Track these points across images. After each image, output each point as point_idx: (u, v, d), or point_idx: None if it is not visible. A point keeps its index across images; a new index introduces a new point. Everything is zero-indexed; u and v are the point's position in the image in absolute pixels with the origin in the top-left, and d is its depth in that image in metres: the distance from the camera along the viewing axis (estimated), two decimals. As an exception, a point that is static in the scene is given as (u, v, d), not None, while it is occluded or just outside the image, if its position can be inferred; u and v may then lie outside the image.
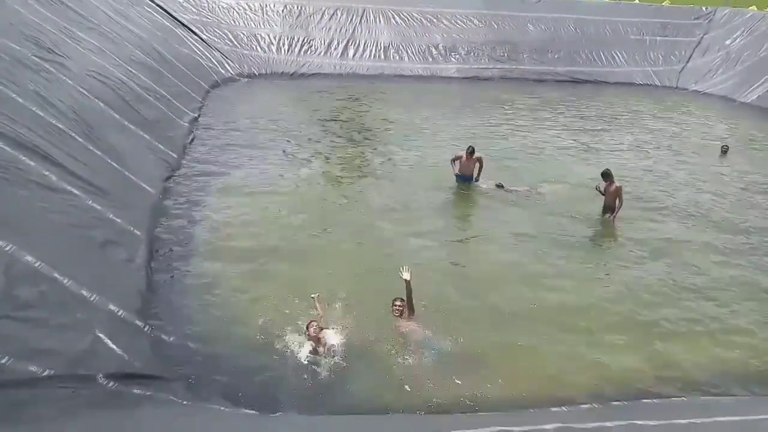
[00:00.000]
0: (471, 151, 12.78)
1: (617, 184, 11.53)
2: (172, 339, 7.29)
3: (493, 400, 6.67)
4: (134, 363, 6.35)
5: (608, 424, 5.56)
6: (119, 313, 6.98)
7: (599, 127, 19.03)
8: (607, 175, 11.59)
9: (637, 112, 21.53)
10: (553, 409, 6.42)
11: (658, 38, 27.42)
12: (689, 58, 27.06)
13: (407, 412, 6.46)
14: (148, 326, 7.26)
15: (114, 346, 6.31)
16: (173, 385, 6.40)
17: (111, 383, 5.79)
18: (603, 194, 11.67)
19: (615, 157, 15.93)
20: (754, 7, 27.63)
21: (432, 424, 5.71)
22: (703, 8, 28.30)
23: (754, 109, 22.07)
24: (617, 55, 26.93)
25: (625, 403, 6.64)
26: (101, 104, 11.64)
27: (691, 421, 5.67)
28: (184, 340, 7.33)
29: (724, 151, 16.04)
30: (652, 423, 5.70)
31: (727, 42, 26.34)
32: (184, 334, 7.45)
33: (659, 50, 27.29)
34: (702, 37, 27.36)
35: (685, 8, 28.69)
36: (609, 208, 11.60)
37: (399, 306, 7.95)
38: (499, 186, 12.82)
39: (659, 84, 26.28)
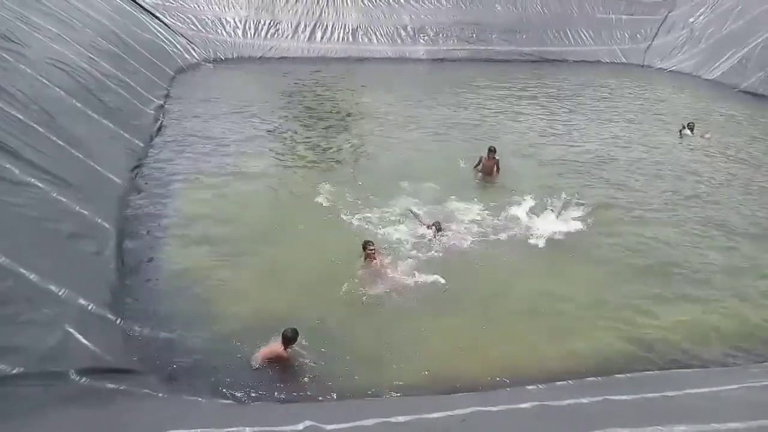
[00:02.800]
0: (493, 150, 12.65)
1: (497, 157, 12.61)
2: (145, 331, 7.19)
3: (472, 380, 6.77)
4: (106, 357, 6.25)
5: (583, 400, 5.67)
6: (89, 307, 6.85)
7: (565, 106, 19.15)
8: (491, 150, 12.62)
9: (603, 89, 21.73)
10: (529, 387, 6.50)
11: (624, 17, 27.63)
12: (654, 36, 27.34)
13: (386, 393, 6.50)
14: (119, 319, 7.15)
15: (85, 341, 6.20)
16: (148, 377, 6.33)
17: (83, 379, 5.70)
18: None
19: (581, 135, 16.09)
20: (716, -15, 28.05)
21: (410, 406, 5.74)
22: (668, -14, 28.64)
23: (717, 86, 22.45)
24: (584, 34, 27.09)
25: (599, 379, 6.76)
26: (62, 93, 11.31)
27: (663, 394, 5.79)
28: (158, 331, 7.24)
29: (690, 127, 16.27)
30: (625, 397, 5.83)
31: (691, 20, 26.66)
32: (158, 325, 7.36)
33: (625, 29, 27.51)
34: (667, 15, 27.65)
35: (650, -14, 28.98)
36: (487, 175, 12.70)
37: (371, 249, 8.71)
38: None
39: (626, 62, 26.54)
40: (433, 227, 9.82)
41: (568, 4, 27.34)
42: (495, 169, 12.71)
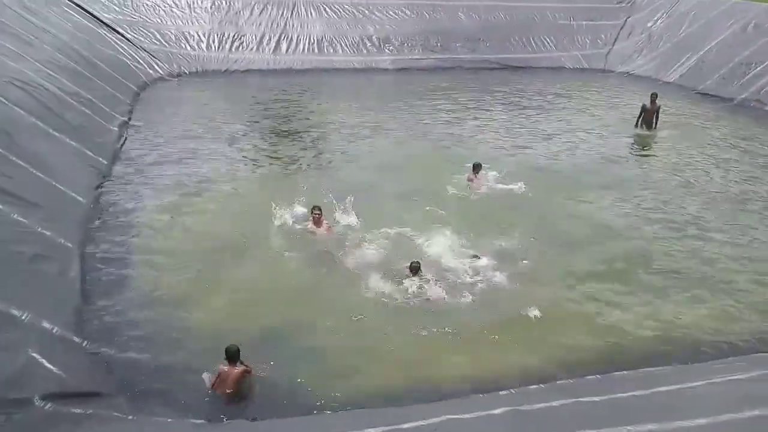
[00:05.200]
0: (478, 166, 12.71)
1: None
2: (112, 352, 7.06)
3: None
4: (72, 381, 6.12)
5: (554, 403, 5.72)
6: (53, 330, 6.71)
7: (530, 112, 19.42)
8: (477, 166, 12.67)
9: (565, 94, 22.10)
10: (502, 392, 6.55)
11: (585, 23, 28.12)
12: (615, 41, 27.85)
13: (355, 403, 6.49)
14: (85, 341, 7.00)
15: (49, 365, 6.06)
16: (116, 400, 6.21)
17: (48, 404, 5.57)
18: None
19: (544, 140, 16.37)
20: (672, -10, 28.78)
21: (381, 417, 5.73)
22: (625, -8, 29.27)
23: (676, 88, 22.99)
24: (547, 41, 27.49)
25: (570, 381, 6.84)
26: (21, 112, 11.09)
27: (632, 393, 5.89)
28: (125, 352, 7.12)
29: (653, 98, 16.88)
30: (596, 399, 5.91)
31: (649, 24, 27.26)
32: (125, 346, 7.23)
33: (586, 34, 27.98)
34: (626, 20, 28.20)
35: (609, -8, 29.58)
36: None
37: (317, 213, 10.00)
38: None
39: (588, 67, 26.98)
40: (409, 269, 8.84)
41: (530, 12, 27.73)
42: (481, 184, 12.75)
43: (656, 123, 17.08)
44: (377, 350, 7.51)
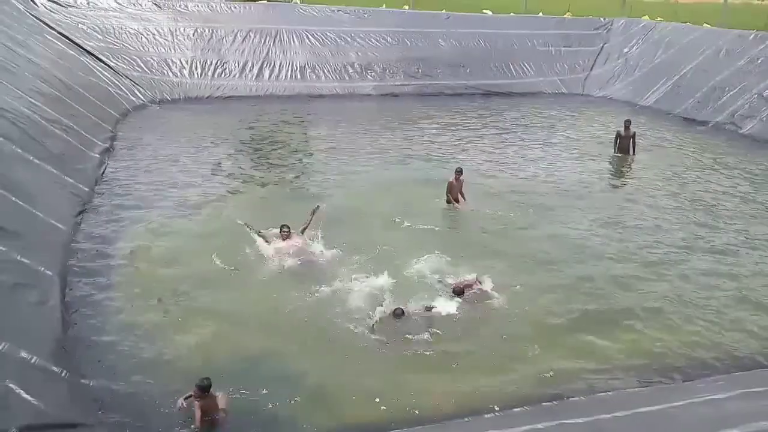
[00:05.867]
0: (460, 172, 12.96)
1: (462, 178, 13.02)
2: (92, 383, 6.96)
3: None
4: (51, 411, 6.01)
5: (539, 425, 5.73)
6: (32, 360, 6.60)
7: (510, 136, 19.71)
8: (458, 172, 12.99)
9: (544, 119, 22.47)
10: (486, 416, 6.54)
11: (563, 49, 28.71)
12: (592, 67, 28.47)
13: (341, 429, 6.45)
14: (65, 371, 6.89)
15: (28, 396, 5.95)
16: (95, 430, 6.10)
17: (25, 437, 5.46)
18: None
19: (523, 163, 16.61)
20: (646, 17, 29.50)
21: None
22: (602, 19, 29.91)
23: (652, 111, 23.48)
24: (526, 67, 27.98)
25: (554, 403, 6.85)
26: (1, 139, 11.01)
27: (615, 414, 5.92)
28: (106, 382, 7.02)
29: (627, 125, 17.15)
30: (579, 421, 5.93)
31: (625, 50, 27.92)
32: (105, 376, 7.13)
33: (564, 60, 28.56)
34: (602, 47, 28.86)
35: (586, 19, 30.19)
36: (455, 200, 13.06)
37: (286, 231, 10.54)
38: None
39: (566, 92, 27.49)
40: (392, 314, 8.53)
41: (509, 39, 28.25)
42: (460, 192, 12.97)
43: (633, 149, 17.25)
44: (356, 379, 7.45)
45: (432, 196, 13.37)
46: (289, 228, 10.66)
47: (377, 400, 7.01)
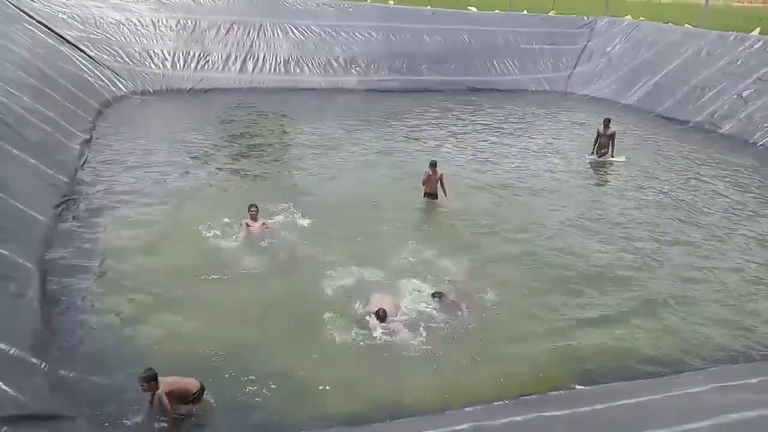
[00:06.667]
0: (434, 165, 12.92)
1: (440, 172, 12.90)
2: (72, 374, 6.91)
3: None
4: (31, 403, 5.96)
5: (518, 418, 5.81)
6: (11, 352, 6.54)
7: (493, 133, 19.82)
8: (433, 165, 12.91)
9: (527, 116, 22.63)
10: (467, 409, 6.60)
11: (546, 47, 28.87)
12: (575, 65, 28.67)
13: (317, 424, 6.47)
14: (44, 363, 6.83)
15: (6, 388, 5.90)
16: (76, 422, 6.09)
17: (4, 428, 5.40)
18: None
19: (504, 159, 16.74)
20: (629, 16, 29.77)
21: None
22: (585, 18, 30.12)
23: (634, 110, 23.72)
24: (509, 64, 28.12)
25: (534, 396, 6.93)
26: (-21, 129, 10.86)
27: (594, 407, 6.01)
28: (86, 374, 6.98)
29: (606, 123, 16.96)
30: (558, 413, 6.01)
31: (608, 49, 28.14)
32: (85, 367, 7.09)
33: (548, 58, 28.73)
34: (586, 45, 29.07)
35: (569, 18, 30.40)
36: (432, 194, 12.93)
37: (254, 210, 10.93)
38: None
39: (549, 90, 27.68)
40: (374, 315, 8.37)
41: (493, 36, 28.36)
42: (439, 186, 12.87)
43: (612, 149, 16.96)
44: (341, 373, 7.48)
45: (411, 189, 13.41)
46: (257, 207, 11.05)
47: (359, 392, 7.05)
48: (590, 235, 11.99)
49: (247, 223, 10.99)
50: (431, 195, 13.01)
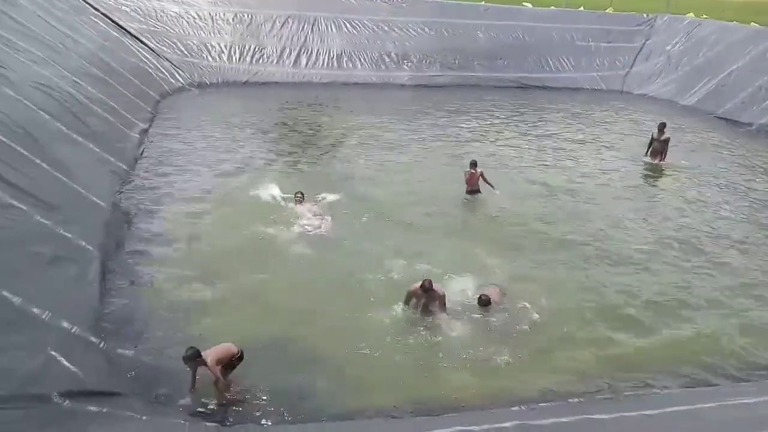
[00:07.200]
0: (474, 164, 13.20)
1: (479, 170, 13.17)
2: (128, 353, 7.17)
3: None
4: (89, 380, 6.22)
5: (564, 419, 5.74)
6: (72, 330, 6.84)
7: (545, 132, 19.49)
8: (473, 164, 13.19)
9: (581, 115, 22.16)
10: (513, 408, 6.56)
11: (603, 44, 28.21)
12: (633, 63, 27.92)
13: (364, 414, 6.53)
14: (102, 342, 7.11)
15: (68, 364, 6.17)
16: (130, 400, 6.30)
17: (65, 401, 5.66)
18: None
19: (556, 160, 16.44)
20: (691, 14, 28.79)
21: (388, 429, 5.77)
22: (644, 15, 29.31)
23: (694, 111, 22.97)
24: (564, 61, 27.60)
25: (581, 399, 6.83)
26: (47, 116, 11.33)
27: (643, 413, 5.89)
28: (141, 354, 7.23)
29: (660, 128, 16.34)
30: (606, 417, 5.91)
31: (668, 47, 27.31)
32: (141, 348, 7.35)
33: (604, 56, 28.06)
34: (644, 43, 28.28)
35: (628, 15, 29.63)
36: (475, 190, 13.19)
37: (300, 196, 11.53)
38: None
39: (605, 88, 27.04)
40: (420, 289, 8.32)
41: (548, 32, 27.88)
42: (482, 182, 13.09)
43: (665, 155, 16.21)
44: (385, 365, 7.53)
45: (459, 185, 13.33)
46: (302, 194, 11.71)
47: (403, 385, 7.09)
48: (642, 239, 11.66)
49: (293, 208, 11.47)
50: (474, 191, 13.16)
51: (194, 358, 6.54)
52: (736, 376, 7.59)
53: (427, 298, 8.39)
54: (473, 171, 13.13)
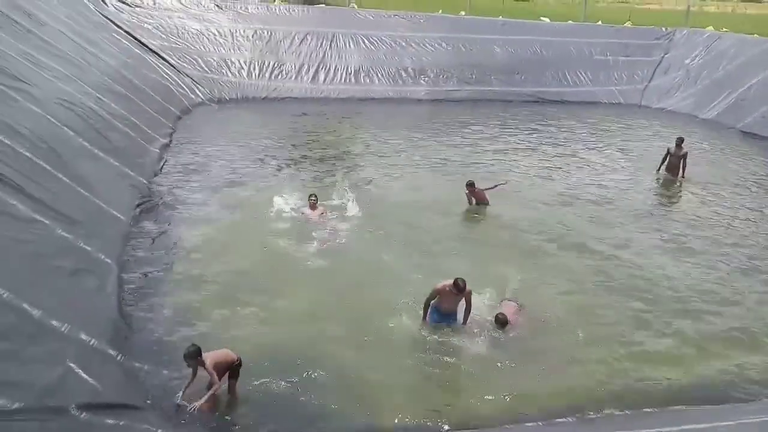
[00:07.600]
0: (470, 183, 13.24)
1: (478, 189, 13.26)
2: (146, 367, 7.21)
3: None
4: (107, 393, 6.27)
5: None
6: (91, 343, 6.90)
7: (563, 146, 19.42)
8: (470, 185, 13.15)
9: (600, 130, 22.06)
10: (528, 424, 6.50)
11: (621, 58, 28.13)
12: (651, 77, 27.79)
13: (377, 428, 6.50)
14: (120, 355, 7.18)
15: (86, 376, 6.23)
16: (148, 413, 6.34)
17: (83, 414, 5.71)
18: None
19: (577, 173, 16.36)
20: (711, 27, 28.62)
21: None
22: (663, 29, 29.20)
23: (714, 125, 22.75)
24: (582, 75, 27.54)
25: (597, 415, 6.75)
26: (69, 132, 11.54)
27: (659, 430, 5.81)
28: (159, 367, 7.26)
29: (678, 143, 15.91)
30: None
31: (687, 61, 27.14)
32: (158, 361, 7.38)
33: (622, 70, 27.97)
34: (663, 57, 28.14)
35: (646, 29, 29.55)
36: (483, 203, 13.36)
37: (313, 199, 11.84)
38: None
39: (624, 102, 26.91)
40: (453, 287, 8.14)
41: (565, 47, 27.87)
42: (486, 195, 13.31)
43: (683, 171, 15.75)
44: (398, 378, 7.51)
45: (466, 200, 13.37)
46: (316, 196, 12.01)
47: (418, 399, 7.06)
48: (659, 254, 11.50)
49: (304, 212, 11.89)
50: (481, 203, 13.32)
51: (195, 356, 6.55)
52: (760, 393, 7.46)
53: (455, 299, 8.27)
54: (475, 189, 13.15)
